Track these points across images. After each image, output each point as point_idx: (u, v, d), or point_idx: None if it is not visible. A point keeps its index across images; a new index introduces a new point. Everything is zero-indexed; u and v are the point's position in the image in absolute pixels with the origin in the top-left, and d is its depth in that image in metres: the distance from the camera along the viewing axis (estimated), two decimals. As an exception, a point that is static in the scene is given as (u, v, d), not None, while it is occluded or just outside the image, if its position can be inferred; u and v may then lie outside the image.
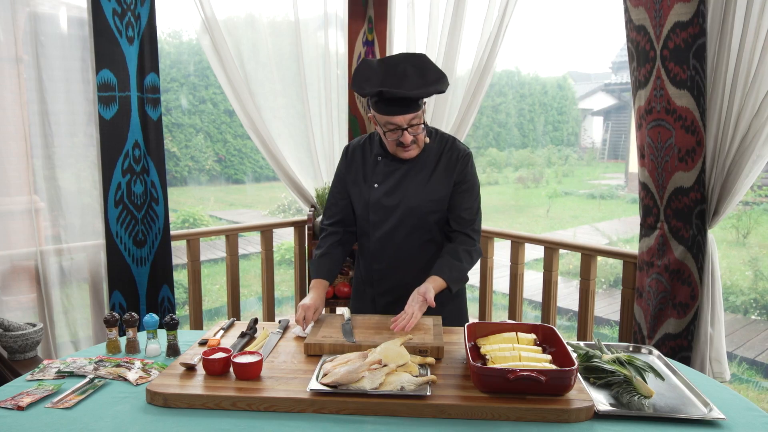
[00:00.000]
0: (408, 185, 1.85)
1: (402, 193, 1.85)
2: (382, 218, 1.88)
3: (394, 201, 1.85)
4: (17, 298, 2.50)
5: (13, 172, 2.42)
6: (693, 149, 2.17)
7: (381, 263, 1.93)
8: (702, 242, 2.24)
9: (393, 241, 1.88)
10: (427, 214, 1.85)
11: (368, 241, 1.93)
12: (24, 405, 1.35)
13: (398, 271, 1.92)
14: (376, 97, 1.71)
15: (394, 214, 1.86)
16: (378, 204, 1.87)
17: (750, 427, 1.28)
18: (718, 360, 2.30)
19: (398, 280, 1.92)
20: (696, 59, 2.12)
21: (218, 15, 2.80)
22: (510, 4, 2.73)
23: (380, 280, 1.96)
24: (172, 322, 1.65)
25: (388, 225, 1.87)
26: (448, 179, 1.85)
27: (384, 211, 1.87)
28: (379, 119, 1.74)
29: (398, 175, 1.86)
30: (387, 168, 1.87)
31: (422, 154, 1.85)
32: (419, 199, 1.84)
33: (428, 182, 1.85)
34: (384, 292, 1.96)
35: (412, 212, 1.85)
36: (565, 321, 5.97)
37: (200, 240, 2.98)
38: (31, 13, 2.37)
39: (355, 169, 1.93)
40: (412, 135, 1.74)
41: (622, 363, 1.46)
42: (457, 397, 1.34)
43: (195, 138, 12.14)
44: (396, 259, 1.91)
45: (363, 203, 1.90)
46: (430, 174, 1.85)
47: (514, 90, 16.29)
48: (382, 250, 1.91)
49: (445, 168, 1.86)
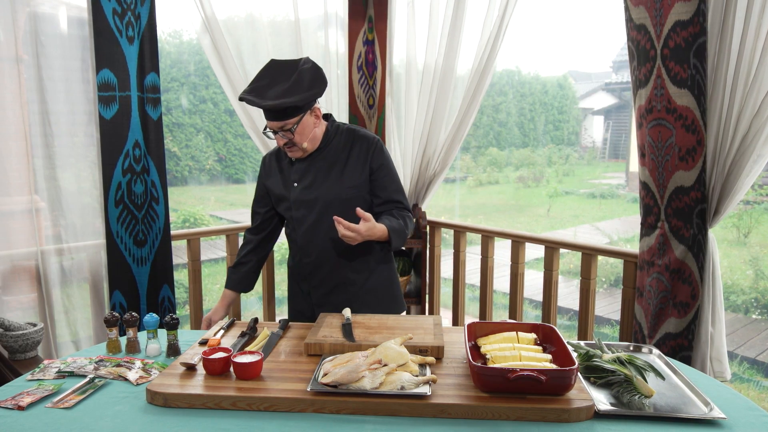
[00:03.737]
0: (324, 178, 1.98)
1: (319, 186, 1.97)
2: (305, 213, 1.99)
3: (313, 195, 1.97)
4: (18, 297, 2.50)
5: (13, 172, 2.42)
6: (693, 148, 2.17)
7: (310, 256, 2.03)
8: (703, 241, 2.23)
9: (318, 233, 1.99)
10: (346, 201, 1.96)
11: (296, 236, 2.04)
12: (24, 405, 1.36)
13: (328, 262, 2.02)
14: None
15: (315, 207, 1.98)
16: (299, 200, 2.00)
17: (751, 426, 1.27)
18: (718, 359, 2.30)
19: (329, 271, 2.02)
20: (696, 58, 2.12)
21: (218, 15, 2.80)
22: (510, 3, 2.73)
23: (312, 273, 2.05)
24: (172, 322, 1.65)
25: (311, 218, 1.99)
26: (363, 166, 1.98)
27: (305, 206, 1.99)
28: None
29: (314, 171, 1.99)
30: (301, 166, 2.00)
31: (332, 147, 2.00)
32: (337, 189, 1.96)
33: (343, 172, 1.98)
34: (317, 285, 2.05)
35: (332, 203, 1.96)
36: (566, 320, 5.97)
37: (201, 240, 2.98)
38: (31, 13, 2.37)
39: (273, 175, 2.08)
40: (285, 139, 1.89)
41: (622, 362, 1.46)
42: (457, 397, 1.34)
43: (195, 138, 12.14)
44: (324, 251, 2.01)
45: (286, 203, 2.03)
46: (344, 164, 1.98)
47: (514, 89, 16.27)
48: (309, 244, 2.01)
49: (358, 156, 1.99)
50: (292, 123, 1.85)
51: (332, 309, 2.00)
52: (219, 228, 3.15)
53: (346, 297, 2.04)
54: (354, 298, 2.04)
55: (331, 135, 2.01)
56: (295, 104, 1.81)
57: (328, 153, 1.99)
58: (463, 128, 3.01)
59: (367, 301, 2.05)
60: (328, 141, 2.00)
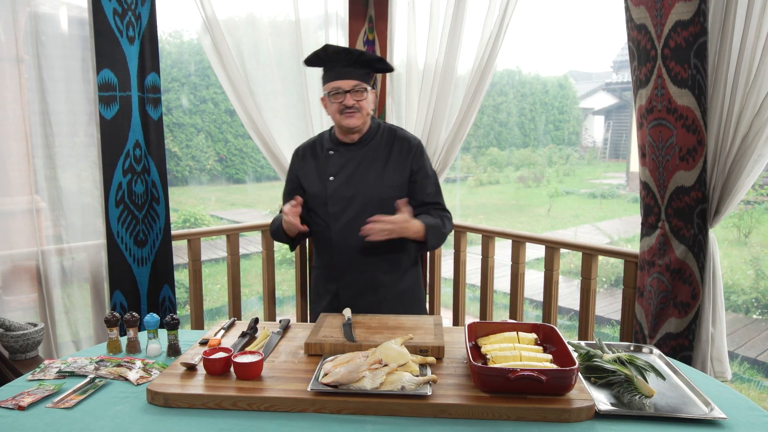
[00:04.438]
0: (364, 174, 1.94)
1: (359, 182, 1.94)
2: (342, 208, 1.94)
3: (352, 191, 1.93)
4: (18, 297, 2.50)
5: (14, 172, 2.42)
6: (694, 148, 2.17)
7: (344, 254, 1.98)
8: (703, 241, 2.23)
9: (355, 230, 1.92)
10: (385, 200, 1.92)
11: (329, 234, 1.98)
12: (25, 405, 1.36)
13: (361, 260, 1.97)
14: (324, 65, 1.92)
15: (354, 203, 1.93)
16: (336, 195, 1.95)
17: (751, 426, 1.27)
18: (719, 359, 2.30)
19: (362, 270, 1.98)
20: (697, 58, 2.12)
21: (219, 15, 2.80)
22: (510, 3, 2.73)
23: (343, 272, 1.99)
24: (172, 322, 1.65)
25: (348, 215, 1.94)
26: (404, 166, 1.96)
27: (343, 201, 1.94)
28: (326, 89, 1.92)
29: (352, 166, 1.95)
30: (340, 160, 1.96)
31: (373, 143, 1.96)
32: (378, 187, 1.93)
33: (384, 169, 1.94)
34: (347, 285, 2.00)
35: (372, 200, 1.92)
36: (566, 320, 5.97)
37: (201, 240, 2.98)
38: (32, 13, 2.37)
39: (307, 167, 2.02)
40: (354, 100, 1.88)
41: (623, 362, 1.46)
42: (457, 397, 1.34)
43: (196, 138, 12.14)
44: (358, 249, 1.96)
45: (321, 198, 1.97)
46: (385, 161, 1.95)
47: (515, 89, 16.27)
48: (344, 241, 1.96)
49: (399, 155, 1.96)
50: (365, 85, 1.88)
51: (361, 310, 1.96)
52: (219, 228, 3.15)
53: (375, 299, 1.99)
54: (383, 299, 2.00)
55: (374, 131, 1.99)
56: (380, 58, 1.89)
57: (369, 149, 1.96)
58: (464, 128, 3.01)
59: (395, 304, 2.00)
60: (371, 136, 1.97)
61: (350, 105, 1.88)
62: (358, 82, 1.86)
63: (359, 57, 1.87)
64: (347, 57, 1.86)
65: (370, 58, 1.89)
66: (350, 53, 1.86)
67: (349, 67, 1.86)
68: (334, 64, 1.88)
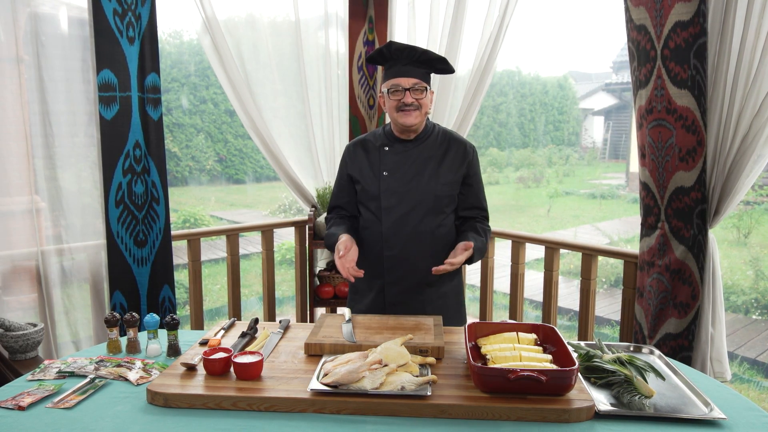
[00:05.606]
0: (419, 170, 1.95)
1: (413, 177, 1.95)
2: (395, 204, 1.95)
3: (406, 186, 1.95)
4: (18, 298, 2.50)
5: (14, 172, 2.42)
6: (694, 149, 2.17)
7: (393, 249, 1.97)
8: (703, 242, 2.23)
9: (406, 226, 1.95)
10: (440, 198, 1.95)
11: (380, 229, 1.98)
12: (25, 405, 1.36)
13: (410, 257, 1.97)
14: (386, 62, 1.91)
15: (407, 199, 1.94)
16: (389, 190, 1.96)
17: (751, 427, 1.27)
18: (719, 360, 2.30)
19: (410, 267, 1.97)
20: (697, 59, 2.12)
21: (219, 15, 2.80)
22: (510, 3, 2.73)
23: (392, 267, 1.99)
24: (172, 322, 1.65)
25: (401, 210, 1.95)
26: (459, 167, 1.98)
27: (396, 196, 1.95)
28: (386, 86, 1.91)
29: (408, 162, 1.96)
30: (395, 156, 1.97)
31: (428, 141, 1.98)
32: (433, 184, 1.94)
33: (439, 167, 1.96)
34: (395, 281, 1.99)
35: (426, 197, 1.94)
36: (566, 321, 5.97)
37: (201, 240, 2.98)
38: (32, 13, 2.37)
39: (359, 163, 2.02)
40: (413, 98, 1.88)
41: (622, 363, 1.46)
42: (457, 397, 1.34)
43: (196, 138, 12.14)
44: (409, 245, 1.96)
45: (373, 192, 1.98)
46: (440, 161, 1.97)
47: (514, 90, 16.28)
48: (395, 236, 1.96)
49: (455, 156, 1.98)
50: (424, 84, 1.89)
51: (406, 310, 1.96)
52: (219, 228, 3.15)
53: (420, 299, 1.99)
54: (428, 300, 1.99)
55: (429, 130, 2.01)
56: (442, 58, 1.89)
57: (425, 146, 1.98)
58: (464, 128, 3.01)
59: (438, 306, 2.00)
60: (427, 134, 1.99)
61: (409, 103, 1.89)
62: (417, 80, 1.87)
63: (421, 55, 1.88)
64: (409, 55, 1.87)
65: (431, 57, 1.89)
66: (413, 51, 1.87)
67: (410, 65, 1.87)
68: (395, 61, 1.89)
